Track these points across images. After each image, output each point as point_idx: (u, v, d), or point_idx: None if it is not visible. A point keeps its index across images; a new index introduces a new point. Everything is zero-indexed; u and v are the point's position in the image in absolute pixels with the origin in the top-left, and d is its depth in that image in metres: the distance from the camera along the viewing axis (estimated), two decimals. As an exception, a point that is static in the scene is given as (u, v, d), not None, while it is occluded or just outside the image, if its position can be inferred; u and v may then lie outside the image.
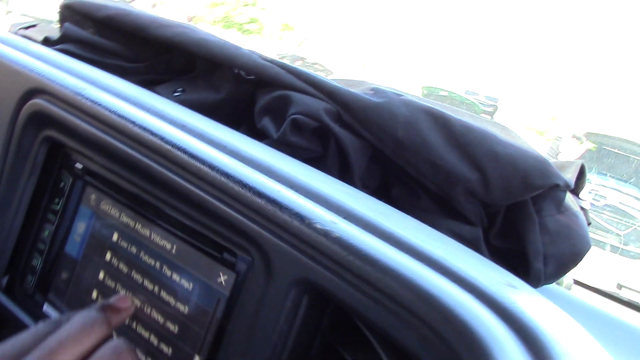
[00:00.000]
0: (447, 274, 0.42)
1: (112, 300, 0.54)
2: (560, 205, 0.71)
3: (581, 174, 0.73)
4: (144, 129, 0.54)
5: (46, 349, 0.44)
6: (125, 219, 0.57)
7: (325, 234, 0.43)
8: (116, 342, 0.46)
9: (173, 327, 0.53)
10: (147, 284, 0.55)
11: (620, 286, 1.30)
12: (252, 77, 0.81)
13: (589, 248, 0.69)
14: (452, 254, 0.47)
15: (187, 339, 0.52)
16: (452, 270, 0.44)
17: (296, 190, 0.49)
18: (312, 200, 0.48)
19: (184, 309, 0.52)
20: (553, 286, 0.82)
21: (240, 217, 0.47)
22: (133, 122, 0.55)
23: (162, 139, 0.53)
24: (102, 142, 0.57)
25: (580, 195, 0.74)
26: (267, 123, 0.76)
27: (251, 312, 0.47)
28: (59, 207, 0.62)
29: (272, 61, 0.82)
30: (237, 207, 0.48)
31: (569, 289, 0.95)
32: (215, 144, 0.54)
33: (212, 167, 0.50)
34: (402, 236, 0.46)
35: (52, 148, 0.63)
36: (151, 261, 0.55)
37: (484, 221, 0.72)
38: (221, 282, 0.51)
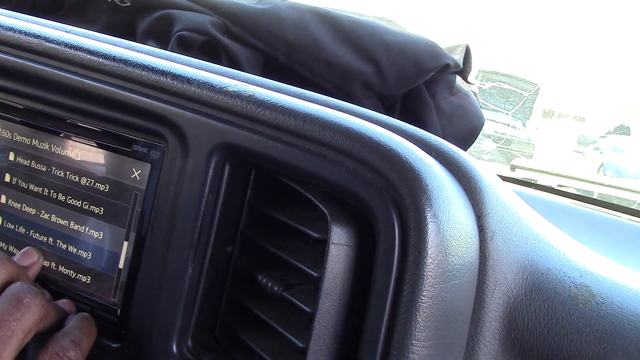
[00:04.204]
0: (366, 118, 0.44)
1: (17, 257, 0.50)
2: (452, 87, 0.75)
3: (467, 57, 0.77)
4: (27, 34, 0.51)
5: None
6: (19, 137, 0.54)
7: (238, 94, 0.43)
8: (18, 285, 0.42)
9: (95, 234, 0.51)
10: (55, 195, 0.52)
11: (513, 167, 1.40)
12: (128, 3, 0.78)
13: (484, 123, 0.74)
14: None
15: (110, 241, 0.50)
16: (371, 115, 0.46)
17: (198, 68, 0.48)
18: (218, 74, 0.47)
19: (99, 211, 0.50)
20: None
21: (147, 100, 0.46)
22: (12, 29, 0.51)
23: (52, 40, 0.50)
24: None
25: (468, 79, 0.78)
26: (151, 47, 0.74)
27: (173, 191, 0.46)
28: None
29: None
30: (142, 90, 0.46)
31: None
32: (108, 42, 0.52)
33: (109, 57, 0.48)
34: (312, 95, 0.47)
35: None
36: (57, 173, 0.52)
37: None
38: (135, 177, 0.49)
